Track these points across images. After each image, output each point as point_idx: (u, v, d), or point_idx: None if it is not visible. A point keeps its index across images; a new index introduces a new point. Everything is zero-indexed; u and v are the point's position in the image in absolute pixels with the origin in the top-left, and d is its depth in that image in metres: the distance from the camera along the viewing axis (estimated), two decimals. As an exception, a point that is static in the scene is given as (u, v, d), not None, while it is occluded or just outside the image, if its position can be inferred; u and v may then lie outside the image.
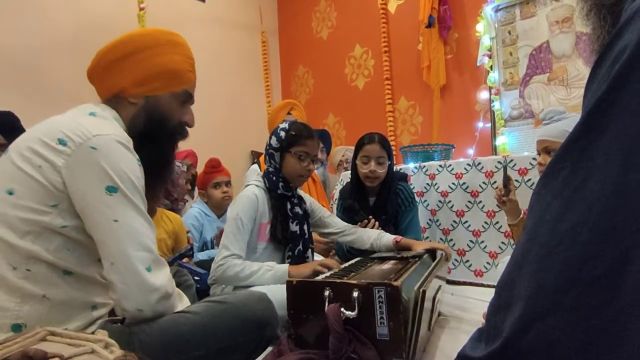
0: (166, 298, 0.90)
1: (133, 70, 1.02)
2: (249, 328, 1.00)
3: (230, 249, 1.47)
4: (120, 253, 0.86)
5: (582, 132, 0.37)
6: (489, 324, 0.46)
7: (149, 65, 1.03)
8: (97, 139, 0.88)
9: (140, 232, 0.89)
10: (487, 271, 2.09)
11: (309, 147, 1.63)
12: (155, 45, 1.05)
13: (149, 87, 1.04)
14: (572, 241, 0.36)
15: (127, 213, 0.88)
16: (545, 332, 0.37)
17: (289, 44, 4.72)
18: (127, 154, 0.92)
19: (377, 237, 1.75)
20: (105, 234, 0.86)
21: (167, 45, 1.07)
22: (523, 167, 1.97)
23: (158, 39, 1.07)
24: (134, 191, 0.90)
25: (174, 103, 1.09)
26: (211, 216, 2.37)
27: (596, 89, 0.36)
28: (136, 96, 1.04)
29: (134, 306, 0.86)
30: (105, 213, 0.86)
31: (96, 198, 0.86)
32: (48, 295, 0.85)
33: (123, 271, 0.85)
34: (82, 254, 0.90)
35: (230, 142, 4.05)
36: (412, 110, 3.71)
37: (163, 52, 1.06)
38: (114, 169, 0.88)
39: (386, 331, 0.99)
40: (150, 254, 0.89)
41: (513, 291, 0.41)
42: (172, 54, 1.07)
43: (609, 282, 0.34)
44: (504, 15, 3.06)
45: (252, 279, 1.43)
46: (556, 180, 0.39)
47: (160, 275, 0.90)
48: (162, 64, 1.05)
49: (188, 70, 1.11)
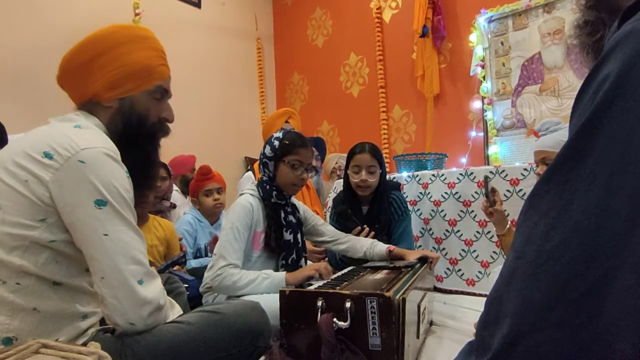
0: (158, 310, 0.90)
1: (102, 73, 0.99)
2: (242, 338, 1.00)
3: (227, 259, 1.47)
4: (110, 267, 0.85)
5: (567, 156, 0.38)
6: (479, 338, 0.47)
7: (117, 66, 0.99)
8: (85, 152, 0.87)
9: (131, 246, 0.88)
10: (479, 280, 2.11)
11: (302, 157, 1.63)
12: (121, 44, 1.01)
13: (122, 89, 1.01)
14: (557, 260, 0.37)
15: (117, 227, 0.87)
16: (532, 348, 0.38)
17: (284, 51, 4.74)
18: (115, 166, 0.90)
19: (370, 246, 1.76)
20: (95, 249, 0.85)
21: (133, 42, 1.02)
22: (514, 178, 1.99)
23: (122, 36, 1.02)
24: (123, 204, 0.89)
25: (150, 101, 1.05)
26: (204, 222, 2.37)
27: (580, 115, 0.38)
28: (110, 100, 1.01)
29: (125, 320, 0.86)
30: (94, 227, 0.85)
31: (85, 212, 0.85)
32: (38, 307, 0.84)
33: (114, 285, 0.85)
34: (71, 265, 0.90)
35: (225, 148, 4.06)
36: (406, 118, 3.74)
37: (130, 49, 1.01)
38: (103, 182, 0.86)
39: (378, 342, 1.00)
40: (141, 267, 0.88)
41: (501, 307, 0.42)
42: (140, 50, 1.03)
43: (591, 301, 0.35)
44: (497, 26, 3.11)
45: (249, 287, 1.42)
46: (542, 200, 0.40)
47: (152, 288, 0.89)
48: (130, 63, 1.01)
49: (159, 64, 1.06)
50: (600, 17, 0.47)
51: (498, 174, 2.04)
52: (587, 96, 0.38)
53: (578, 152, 0.37)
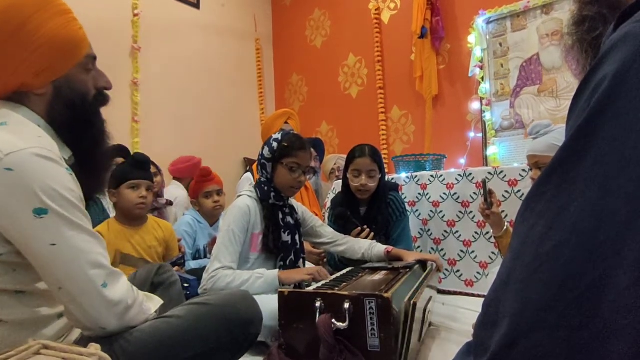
0: (129, 309, 0.86)
1: (22, 58, 0.84)
2: (233, 327, 0.99)
3: (222, 261, 1.47)
4: (67, 277, 0.78)
5: (564, 158, 0.38)
6: (477, 339, 0.47)
7: (36, 46, 0.84)
8: (11, 157, 0.75)
9: (86, 250, 0.80)
10: (478, 281, 2.11)
11: (300, 159, 1.63)
12: (29, 17, 0.84)
13: (52, 70, 0.87)
14: (554, 261, 0.37)
15: (66, 233, 0.78)
16: (530, 348, 0.38)
17: (283, 51, 4.74)
18: (50, 166, 0.79)
19: (368, 248, 1.76)
20: (46, 261, 0.78)
21: (41, 10, 0.85)
22: (513, 179, 2.00)
23: (26, 6, 0.84)
24: (68, 207, 0.79)
25: (83, 74, 0.93)
26: (204, 224, 2.37)
27: (577, 117, 0.38)
28: (41, 86, 0.87)
29: (95, 325, 0.82)
30: (39, 239, 0.76)
31: (25, 225, 0.76)
32: (4, 318, 0.79)
33: (75, 294, 0.79)
34: (30, 272, 0.82)
35: (224, 149, 4.06)
36: (404, 119, 3.74)
37: (41, 21, 0.85)
38: (40, 187, 0.76)
39: (377, 342, 1.00)
40: (102, 269, 0.82)
41: (499, 308, 0.43)
42: (52, 18, 0.86)
43: (590, 301, 0.35)
44: (495, 28, 3.11)
45: (242, 288, 1.43)
46: (540, 202, 0.40)
47: (118, 288, 0.84)
48: (50, 38, 0.85)
49: (77, 28, 0.91)
50: (601, 12, 0.46)
51: (496, 175, 2.04)
52: (584, 98, 0.38)
53: (575, 154, 0.37)
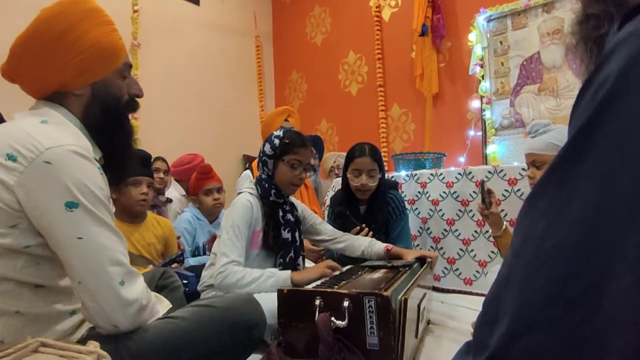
0: (143, 309, 0.88)
1: (66, 60, 0.90)
2: (237, 331, 0.99)
3: (229, 256, 1.46)
4: (88, 272, 0.81)
5: (566, 156, 0.38)
6: (476, 338, 0.47)
7: (81, 49, 0.91)
8: (51, 152, 0.81)
9: (108, 247, 0.84)
10: (477, 279, 2.11)
11: (302, 156, 1.63)
12: (76, 23, 0.91)
13: (91, 73, 0.94)
14: (555, 259, 0.37)
15: (92, 229, 0.82)
16: (529, 346, 0.38)
17: (283, 49, 4.73)
18: (85, 164, 0.84)
19: (368, 245, 1.76)
20: (70, 253, 0.81)
21: (87, 19, 0.93)
22: (513, 177, 2.00)
23: (74, 14, 0.92)
24: (97, 204, 0.84)
25: (119, 80, 1.00)
26: (203, 221, 2.37)
27: (580, 115, 0.38)
28: (81, 87, 0.94)
29: (108, 323, 0.84)
30: (67, 231, 0.81)
31: (56, 216, 0.80)
32: (21, 310, 0.82)
33: (93, 289, 0.82)
34: (52, 267, 0.86)
35: (223, 146, 4.05)
36: (404, 117, 3.74)
37: (87, 28, 0.92)
38: (73, 182, 0.81)
39: (376, 341, 1.00)
40: (121, 267, 0.85)
41: (499, 306, 0.43)
42: (96, 27, 0.94)
43: (590, 298, 0.35)
44: (496, 26, 3.11)
45: (253, 285, 1.41)
46: (542, 200, 0.40)
47: (135, 288, 0.87)
48: (94, 44, 0.92)
49: (118, 38, 0.99)
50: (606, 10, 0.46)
51: (496, 174, 2.04)
52: (588, 96, 0.38)
53: (577, 152, 0.37)
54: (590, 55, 0.47)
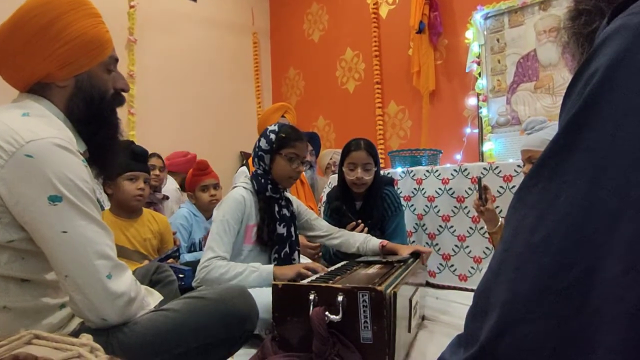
0: (131, 302, 0.87)
1: (50, 50, 0.89)
2: (229, 323, 0.99)
3: (215, 251, 1.47)
4: (74, 265, 0.80)
5: (555, 149, 0.39)
6: (467, 330, 0.47)
7: (66, 40, 0.90)
8: (32, 145, 0.79)
9: (94, 241, 0.82)
10: (472, 276, 2.12)
11: (298, 149, 1.64)
12: (62, 14, 0.90)
13: (76, 65, 0.92)
14: (544, 252, 0.37)
15: (76, 222, 0.81)
16: (519, 338, 0.38)
17: (280, 45, 4.72)
18: (68, 156, 0.82)
19: (363, 241, 1.77)
20: (55, 248, 0.80)
21: (73, 10, 0.92)
22: (508, 174, 2.00)
23: (60, 4, 0.91)
24: (81, 197, 0.82)
25: (104, 73, 0.99)
26: (199, 217, 2.37)
27: (569, 109, 0.38)
28: (65, 78, 0.92)
29: (96, 316, 0.83)
30: (51, 225, 0.79)
31: (39, 211, 0.78)
32: (8, 305, 0.81)
33: (80, 283, 0.81)
34: (38, 261, 0.85)
35: (220, 143, 4.04)
36: (401, 114, 3.74)
37: (73, 19, 0.91)
38: (56, 176, 0.79)
39: (370, 335, 1.00)
40: (108, 260, 0.84)
41: (489, 299, 0.43)
42: (83, 19, 0.93)
43: (579, 291, 0.35)
44: (493, 23, 3.11)
45: (236, 280, 1.42)
46: (531, 193, 0.40)
47: (122, 281, 0.86)
48: (79, 35, 0.91)
49: (105, 31, 0.98)
50: (597, 5, 0.46)
51: (491, 171, 2.05)
52: (576, 90, 0.38)
53: (566, 146, 0.38)
54: (582, 50, 0.48)
